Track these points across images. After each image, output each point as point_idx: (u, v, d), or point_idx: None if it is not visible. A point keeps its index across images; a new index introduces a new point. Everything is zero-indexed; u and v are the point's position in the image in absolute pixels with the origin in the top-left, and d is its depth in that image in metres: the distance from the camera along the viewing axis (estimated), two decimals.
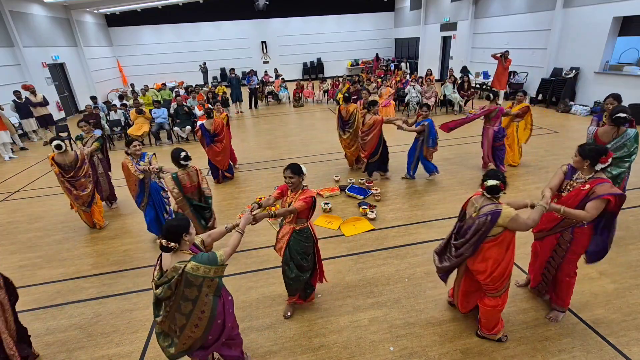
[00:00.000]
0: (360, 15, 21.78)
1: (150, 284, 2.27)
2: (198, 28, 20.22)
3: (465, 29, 15.43)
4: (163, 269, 2.23)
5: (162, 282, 2.16)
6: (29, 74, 12.00)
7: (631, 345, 2.85)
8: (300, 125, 11.08)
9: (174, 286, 2.14)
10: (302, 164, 3.06)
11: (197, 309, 2.23)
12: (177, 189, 3.89)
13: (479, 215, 2.60)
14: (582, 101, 10.52)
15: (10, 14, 11.50)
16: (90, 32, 17.15)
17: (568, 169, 2.90)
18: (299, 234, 3.08)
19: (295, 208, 2.88)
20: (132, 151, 4.43)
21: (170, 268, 2.14)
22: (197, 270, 2.13)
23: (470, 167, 6.71)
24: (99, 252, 4.68)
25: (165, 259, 2.25)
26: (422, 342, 3.00)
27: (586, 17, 10.12)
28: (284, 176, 2.97)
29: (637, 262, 3.83)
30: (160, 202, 4.62)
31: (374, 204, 5.40)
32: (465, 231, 2.74)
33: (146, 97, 12.46)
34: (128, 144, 4.48)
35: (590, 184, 2.65)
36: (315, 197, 3.05)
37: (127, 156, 4.46)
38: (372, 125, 5.94)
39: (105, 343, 3.20)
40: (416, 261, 4.05)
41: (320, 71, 22.05)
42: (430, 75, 12.67)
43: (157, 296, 2.20)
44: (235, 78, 13.39)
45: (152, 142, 9.80)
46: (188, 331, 2.27)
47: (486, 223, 2.55)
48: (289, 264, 3.14)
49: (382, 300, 3.49)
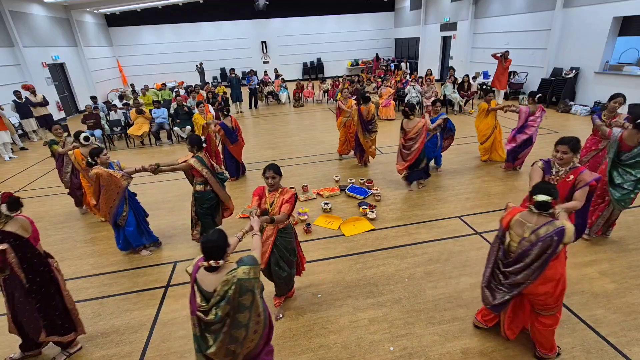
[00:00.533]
0: (360, 15, 21.78)
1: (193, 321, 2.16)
2: (198, 28, 20.22)
3: (465, 29, 15.43)
4: (207, 290, 2.09)
5: (216, 302, 2.03)
6: (29, 74, 11.99)
7: (631, 345, 2.85)
8: (300, 125, 11.08)
9: (232, 300, 2.02)
10: (302, 164, 3.07)
11: (253, 315, 2.14)
12: (205, 169, 4.13)
13: (540, 236, 2.32)
14: (582, 101, 10.53)
15: (10, 14, 11.50)
16: (90, 32, 17.15)
17: (544, 166, 3.00)
18: (284, 231, 3.11)
19: (287, 213, 2.92)
20: (102, 160, 4.09)
21: (222, 283, 2.03)
22: (249, 274, 2.06)
23: (469, 167, 6.72)
24: (99, 252, 4.68)
25: (205, 280, 2.11)
26: (422, 342, 3.00)
27: (586, 17, 10.13)
28: (265, 177, 2.97)
29: (637, 262, 3.83)
30: (138, 207, 4.50)
31: (374, 204, 5.40)
32: (522, 256, 2.42)
33: (146, 97, 12.46)
34: (96, 154, 4.07)
35: (573, 174, 2.87)
36: (296, 193, 3.08)
37: (97, 165, 4.08)
38: (419, 130, 5.37)
39: (105, 343, 3.20)
40: (416, 261, 4.05)
41: (320, 71, 22.05)
42: (430, 75, 12.67)
43: (210, 322, 2.06)
44: (235, 78, 13.39)
45: (152, 142, 9.80)
46: (248, 341, 2.18)
47: (553, 244, 2.29)
48: (279, 263, 3.15)
49: (382, 300, 3.49)
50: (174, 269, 4.20)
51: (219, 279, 2.05)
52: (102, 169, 4.03)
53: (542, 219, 2.36)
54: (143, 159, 8.51)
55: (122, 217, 4.25)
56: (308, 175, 6.71)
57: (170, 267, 4.23)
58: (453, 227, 4.71)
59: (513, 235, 2.50)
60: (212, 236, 2.08)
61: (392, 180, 6.32)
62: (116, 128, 9.85)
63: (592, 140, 4.79)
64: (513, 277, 2.49)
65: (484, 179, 6.16)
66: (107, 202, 4.16)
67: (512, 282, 2.49)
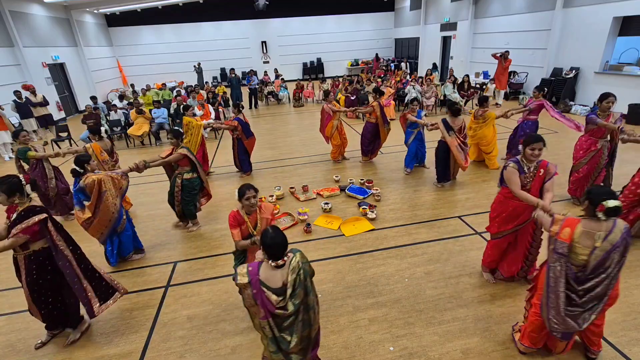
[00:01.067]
0: (360, 15, 21.78)
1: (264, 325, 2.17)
2: (198, 28, 20.22)
3: (465, 29, 15.43)
4: (276, 287, 2.11)
5: (292, 291, 2.08)
6: (29, 74, 12.00)
7: (631, 345, 2.84)
8: (300, 125, 11.08)
9: (304, 284, 2.12)
10: (302, 164, 3.07)
11: (315, 295, 2.24)
12: (193, 156, 4.60)
13: (615, 242, 2.20)
14: (582, 101, 10.53)
15: (10, 14, 11.50)
16: (90, 32, 17.15)
17: (517, 166, 3.07)
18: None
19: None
20: (92, 167, 3.98)
21: (290, 272, 2.09)
22: (304, 258, 2.16)
23: (469, 167, 6.70)
24: (99, 252, 4.66)
25: (272, 278, 2.11)
26: (422, 342, 3.00)
27: (586, 17, 10.13)
28: (245, 199, 2.85)
29: (637, 262, 3.83)
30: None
31: (374, 204, 5.40)
32: (600, 266, 2.26)
33: (146, 97, 12.46)
34: (85, 160, 3.90)
35: (541, 167, 3.04)
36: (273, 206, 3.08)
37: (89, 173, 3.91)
38: (463, 124, 5.54)
39: (105, 343, 3.20)
40: (416, 261, 4.05)
41: (320, 71, 22.06)
42: (430, 75, 12.67)
43: (288, 316, 2.12)
44: (235, 78, 13.40)
45: (152, 142, 9.80)
46: (315, 323, 2.29)
47: (627, 245, 2.21)
48: None
49: (382, 300, 3.49)
50: (174, 269, 4.20)
51: (283, 271, 2.11)
52: (100, 174, 3.88)
53: (610, 224, 2.22)
54: (143, 159, 8.49)
55: (122, 221, 4.14)
56: (308, 175, 6.71)
57: (170, 267, 4.23)
58: (453, 227, 4.71)
59: (579, 248, 2.28)
60: (276, 237, 2.08)
61: (392, 180, 6.32)
62: (116, 128, 9.86)
63: (588, 141, 4.72)
64: (589, 293, 2.31)
65: (484, 178, 6.16)
66: (106, 213, 3.90)
67: (593, 296, 2.30)
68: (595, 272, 2.27)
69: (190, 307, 3.55)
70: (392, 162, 6.66)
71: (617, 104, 4.73)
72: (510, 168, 3.07)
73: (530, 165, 3.06)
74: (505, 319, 3.16)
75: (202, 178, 4.80)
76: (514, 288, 3.54)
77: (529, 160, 3.05)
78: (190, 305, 3.58)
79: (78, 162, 3.86)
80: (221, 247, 4.57)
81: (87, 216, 3.90)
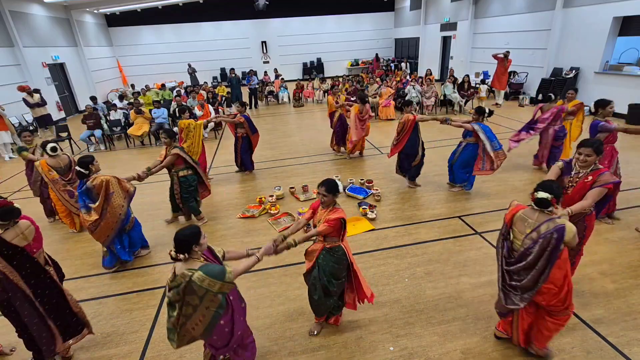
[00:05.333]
0: (360, 15, 21.78)
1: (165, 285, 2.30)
2: (198, 28, 20.21)
3: (465, 29, 15.43)
4: (176, 273, 2.25)
5: (173, 286, 2.20)
6: (29, 74, 11.99)
7: (631, 345, 2.85)
8: (300, 125, 11.08)
9: (182, 292, 2.17)
10: (302, 164, 3.05)
11: (196, 315, 2.23)
12: (187, 155, 4.75)
13: (541, 233, 2.31)
14: (582, 101, 10.49)
15: (10, 14, 11.50)
16: (90, 32, 17.15)
17: (564, 166, 3.02)
18: (330, 252, 2.81)
19: (318, 232, 2.70)
20: (97, 167, 3.91)
21: (180, 274, 2.18)
22: (202, 282, 2.13)
23: None
24: (99, 252, 4.66)
25: (178, 263, 2.28)
26: (422, 342, 3.00)
27: (586, 17, 10.13)
28: (317, 192, 2.77)
29: (637, 262, 3.83)
30: None
31: (374, 204, 5.40)
32: (524, 254, 2.41)
33: (146, 97, 12.46)
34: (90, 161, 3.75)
35: (592, 175, 2.87)
36: (345, 219, 2.76)
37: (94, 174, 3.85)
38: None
39: (105, 343, 3.20)
40: (416, 261, 4.05)
41: (320, 71, 22.04)
42: (430, 75, 12.67)
43: (169, 299, 2.25)
44: (235, 78, 13.40)
45: (152, 142, 9.79)
46: (189, 326, 2.29)
47: (551, 241, 2.27)
48: (315, 284, 2.91)
49: (382, 300, 3.49)
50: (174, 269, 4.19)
51: (182, 269, 2.21)
52: (107, 175, 3.84)
53: (543, 216, 2.35)
54: (143, 158, 8.51)
55: (131, 219, 4.20)
56: (308, 175, 6.71)
57: (170, 267, 4.22)
58: (453, 227, 4.71)
59: (516, 232, 2.50)
60: (185, 230, 2.25)
61: (392, 180, 6.32)
62: (116, 128, 9.85)
63: (607, 149, 4.48)
64: (517, 279, 2.48)
65: (484, 178, 6.15)
66: (113, 215, 3.86)
67: (522, 285, 2.44)
68: (520, 259, 2.45)
69: None
70: (392, 162, 6.63)
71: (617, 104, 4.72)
72: (555, 165, 3.07)
73: (581, 171, 2.92)
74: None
75: (201, 173, 4.96)
76: None
77: (577, 164, 2.93)
78: None
79: (82, 164, 3.76)
80: (221, 247, 4.55)
81: (94, 218, 3.81)
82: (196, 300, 2.18)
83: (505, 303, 2.57)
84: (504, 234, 2.58)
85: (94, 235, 3.92)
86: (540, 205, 2.34)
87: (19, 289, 2.57)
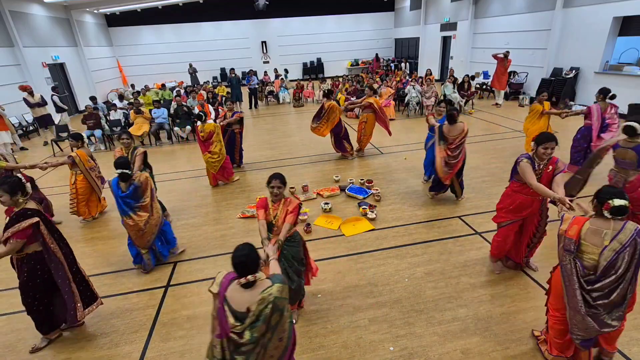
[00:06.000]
0: (360, 15, 21.78)
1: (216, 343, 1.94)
2: (198, 28, 20.21)
3: (465, 29, 15.44)
4: (238, 310, 1.89)
5: (251, 321, 1.84)
6: (29, 74, 11.99)
7: (631, 345, 2.85)
8: (300, 125, 11.07)
9: (269, 318, 1.85)
10: (302, 164, 3.06)
11: (275, 337, 1.93)
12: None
13: (625, 241, 2.16)
14: (582, 101, 10.52)
15: (10, 14, 11.50)
16: (90, 32, 17.15)
17: (530, 162, 3.19)
18: (291, 240, 3.02)
19: (290, 224, 2.85)
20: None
21: (258, 301, 1.84)
22: (283, 292, 1.89)
23: (469, 167, 6.70)
24: (99, 252, 4.68)
25: (237, 298, 1.90)
26: (422, 342, 3.00)
27: (586, 17, 10.13)
28: (270, 186, 2.89)
29: None
30: None
31: (374, 204, 5.40)
32: (610, 267, 2.22)
33: (146, 97, 12.46)
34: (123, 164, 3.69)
35: (550, 165, 3.17)
36: (301, 202, 2.94)
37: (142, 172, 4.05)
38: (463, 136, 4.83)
39: (105, 343, 3.20)
40: (416, 261, 4.05)
41: (320, 71, 22.05)
42: (430, 75, 12.67)
43: (245, 343, 1.86)
44: (235, 78, 13.40)
45: (152, 142, 9.79)
46: (267, 357, 1.98)
47: (636, 244, 2.16)
48: (288, 274, 3.00)
49: (382, 300, 3.49)
50: (174, 269, 4.20)
51: (253, 297, 1.87)
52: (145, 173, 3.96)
53: (618, 223, 2.22)
54: None
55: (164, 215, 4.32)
56: (308, 175, 6.71)
57: (170, 267, 4.23)
58: (453, 227, 4.71)
59: (589, 247, 2.28)
60: (243, 250, 1.91)
61: (392, 180, 6.32)
62: (116, 128, 9.85)
63: None
64: (602, 296, 2.25)
65: (484, 179, 6.15)
66: (157, 210, 3.95)
67: (611, 301, 2.23)
68: (606, 274, 2.24)
69: (190, 307, 3.55)
70: (392, 162, 6.66)
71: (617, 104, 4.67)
72: (524, 162, 3.19)
73: (541, 163, 3.19)
74: (505, 319, 3.16)
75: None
76: (514, 288, 3.54)
77: (540, 158, 3.17)
78: (190, 305, 3.58)
79: (122, 165, 3.62)
80: (221, 247, 4.57)
81: (146, 215, 3.79)
82: (277, 318, 1.90)
83: (600, 328, 2.28)
84: (574, 252, 2.32)
85: (144, 236, 3.85)
86: (619, 214, 2.18)
87: (58, 261, 2.95)
